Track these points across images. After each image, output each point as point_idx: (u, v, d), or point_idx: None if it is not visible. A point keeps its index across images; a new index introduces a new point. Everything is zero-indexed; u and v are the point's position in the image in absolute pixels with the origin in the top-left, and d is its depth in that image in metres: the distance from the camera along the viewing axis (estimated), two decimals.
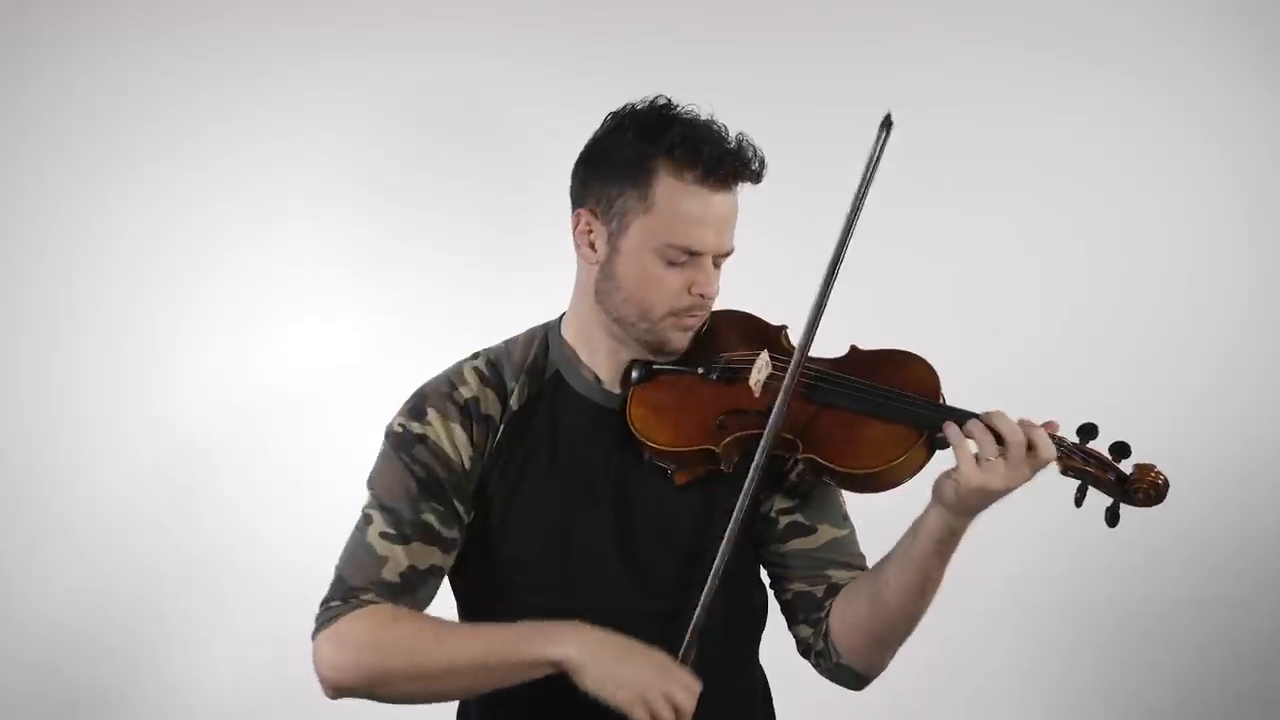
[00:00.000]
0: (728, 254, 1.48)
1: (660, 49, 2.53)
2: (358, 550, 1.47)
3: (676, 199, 1.43)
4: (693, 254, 1.43)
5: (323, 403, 2.49)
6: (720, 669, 1.58)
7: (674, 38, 2.54)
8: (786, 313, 1.58)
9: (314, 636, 1.45)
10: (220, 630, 2.50)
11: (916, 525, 1.43)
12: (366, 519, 1.49)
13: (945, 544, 1.41)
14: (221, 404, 2.47)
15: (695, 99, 1.52)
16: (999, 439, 1.33)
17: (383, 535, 1.46)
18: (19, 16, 2.41)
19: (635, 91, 1.53)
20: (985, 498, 1.35)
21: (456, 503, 1.49)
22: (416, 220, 2.48)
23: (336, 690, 1.44)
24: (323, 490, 2.48)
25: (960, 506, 1.37)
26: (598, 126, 1.51)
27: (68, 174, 2.42)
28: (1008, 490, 1.34)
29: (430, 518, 1.47)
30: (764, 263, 2.51)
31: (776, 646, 1.67)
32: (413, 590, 1.46)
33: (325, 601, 1.47)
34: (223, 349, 2.47)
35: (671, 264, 1.44)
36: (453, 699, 1.50)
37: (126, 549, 2.46)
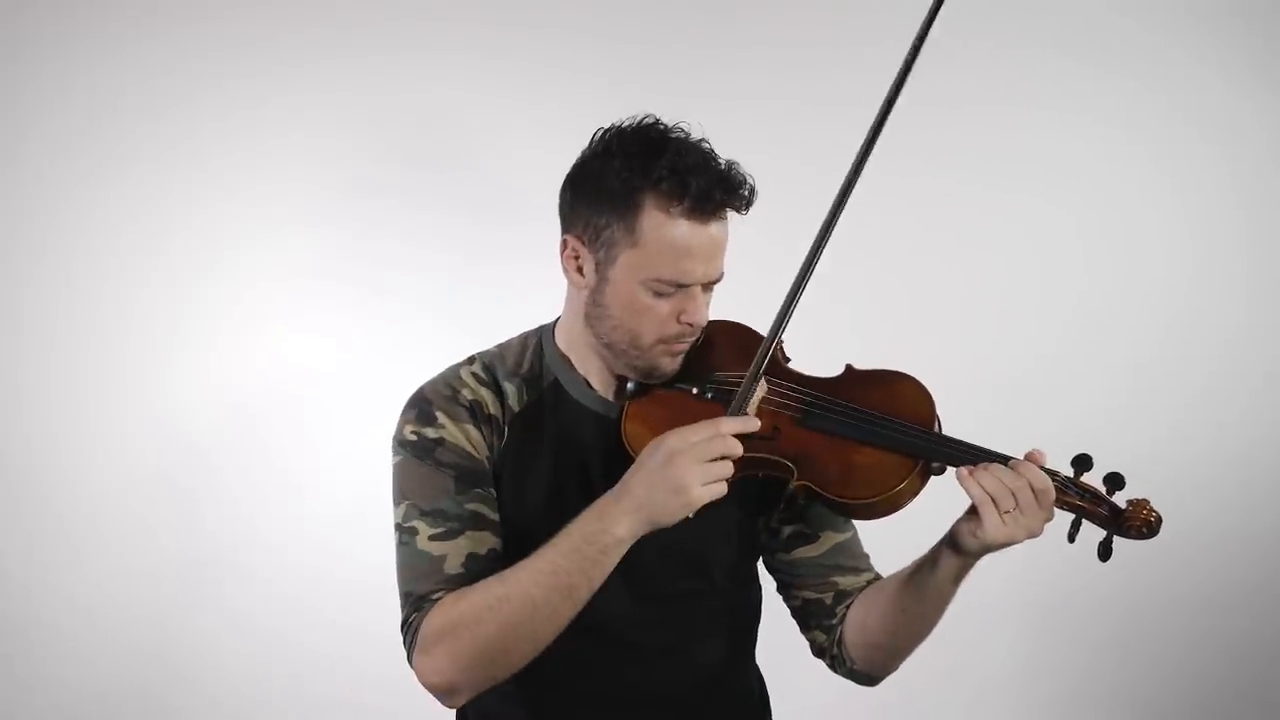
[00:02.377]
0: (717, 280, 1.46)
1: (659, 49, 2.53)
2: (413, 561, 1.44)
3: (663, 232, 1.40)
4: (681, 286, 1.42)
5: (323, 403, 2.49)
6: (717, 667, 1.58)
7: (673, 38, 2.54)
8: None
9: (410, 661, 1.42)
10: (220, 631, 2.50)
11: (933, 563, 1.43)
12: (410, 532, 1.45)
13: (962, 575, 1.43)
14: (221, 404, 2.47)
15: (695, 99, 1.52)
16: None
17: (433, 539, 1.43)
18: (19, 16, 2.40)
19: (634, 91, 1.53)
20: (1006, 546, 1.36)
21: (493, 489, 1.48)
22: (416, 221, 2.48)
23: (450, 693, 1.40)
24: (323, 491, 2.49)
25: (982, 553, 1.38)
26: (586, 143, 1.48)
27: (68, 174, 2.42)
28: (1030, 537, 1.35)
29: (475, 505, 1.46)
30: (762, 264, 2.52)
31: (776, 648, 1.67)
32: (479, 576, 1.42)
33: (404, 624, 1.44)
34: (223, 349, 2.47)
35: (659, 294, 1.42)
36: (559, 629, 1.38)
37: (126, 549, 2.46)
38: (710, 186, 1.39)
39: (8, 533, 2.44)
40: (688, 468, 1.32)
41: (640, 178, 1.40)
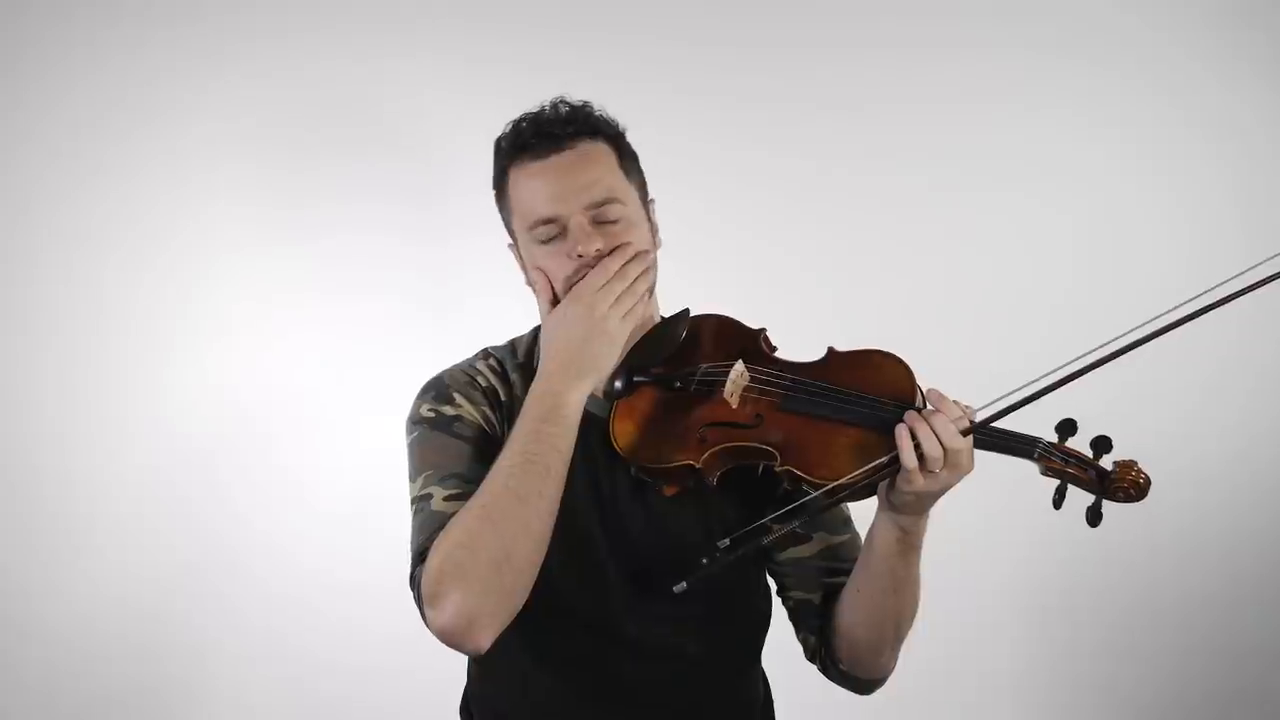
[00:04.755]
0: (599, 206, 1.45)
1: (666, 47, 2.51)
2: (426, 523, 1.40)
3: (518, 183, 1.48)
4: (550, 221, 1.44)
5: (323, 404, 2.49)
6: (719, 670, 1.58)
7: (678, 36, 2.53)
8: (786, 309, 1.57)
9: (425, 620, 1.35)
10: (220, 631, 2.50)
11: (871, 532, 1.43)
12: (425, 498, 1.42)
13: (904, 544, 1.40)
14: (221, 404, 2.47)
15: (693, 98, 1.51)
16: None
17: (448, 499, 1.41)
18: (19, 17, 2.41)
19: (636, 91, 1.52)
20: (930, 499, 1.35)
21: None
22: (416, 220, 2.48)
23: (472, 627, 1.31)
24: (323, 490, 2.49)
25: (908, 508, 1.37)
26: None
27: (68, 174, 2.42)
28: (946, 489, 1.34)
29: None
30: (762, 261, 2.52)
31: (778, 650, 1.67)
32: None
33: (410, 580, 1.39)
34: (222, 349, 2.47)
35: (546, 242, 1.45)
36: (551, 513, 1.37)
37: (126, 549, 2.46)
38: (529, 125, 1.48)
39: (8, 533, 2.44)
40: (591, 311, 1.40)
41: (497, 155, 1.52)
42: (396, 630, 1.47)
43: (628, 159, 1.51)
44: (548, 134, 1.46)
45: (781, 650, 1.66)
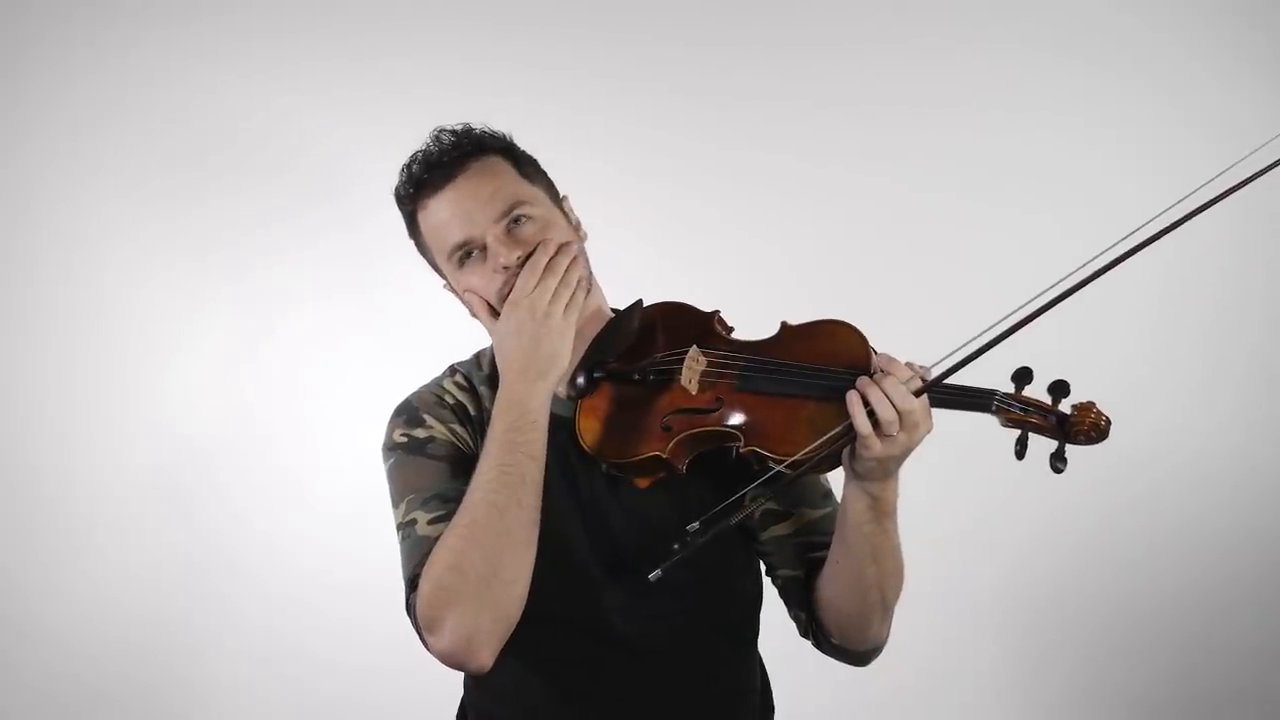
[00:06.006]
0: (507, 214, 1.46)
1: (664, 47, 2.51)
2: (414, 550, 1.43)
3: (426, 221, 1.49)
4: (466, 244, 1.46)
5: (323, 404, 2.50)
6: (713, 660, 1.58)
7: (676, 36, 2.53)
8: (786, 306, 1.57)
9: (425, 645, 1.38)
10: (220, 630, 2.50)
11: (842, 503, 1.42)
12: (410, 524, 1.44)
13: (876, 510, 1.39)
14: (221, 404, 2.47)
15: (690, 98, 1.51)
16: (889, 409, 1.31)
17: (431, 522, 1.43)
18: (19, 17, 2.41)
19: (634, 91, 1.52)
20: (894, 462, 1.34)
21: None
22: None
23: (472, 647, 1.34)
24: (323, 490, 2.49)
25: (873, 474, 1.36)
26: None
27: (68, 174, 2.43)
28: (908, 451, 1.33)
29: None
30: (760, 259, 2.52)
31: (778, 647, 1.67)
32: None
33: (406, 608, 1.42)
34: (223, 350, 2.47)
35: (463, 264, 1.47)
36: (533, 521, 1.39)
37: (126, 549, 2.46)
38: (419, 165, 1.49)
39: (8, 533, 2.44)
40: (533, 312, 1.42)
41: (401, 205, 1.53)
42: (396, 630, 1.47)
43: (525, 165, 1.52)
44: (437, 164, 1.48)
45: (780, 648, 1.66)
